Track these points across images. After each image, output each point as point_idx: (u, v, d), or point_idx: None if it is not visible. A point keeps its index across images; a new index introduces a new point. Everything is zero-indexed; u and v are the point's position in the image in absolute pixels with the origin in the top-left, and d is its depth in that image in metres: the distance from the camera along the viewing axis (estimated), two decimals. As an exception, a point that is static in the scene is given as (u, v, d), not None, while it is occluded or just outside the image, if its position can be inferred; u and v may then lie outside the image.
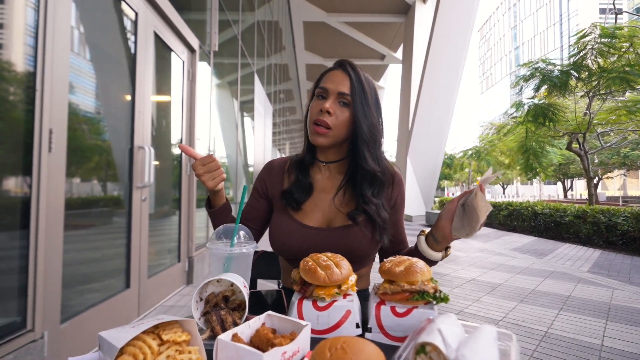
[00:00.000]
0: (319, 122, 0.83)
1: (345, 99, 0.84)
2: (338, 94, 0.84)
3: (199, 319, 0.59)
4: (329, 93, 0.84)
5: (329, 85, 0.85)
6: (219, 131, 4.50)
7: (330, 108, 0.82)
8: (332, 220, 0.87)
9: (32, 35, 1.47)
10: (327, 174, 0.93)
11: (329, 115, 0.83)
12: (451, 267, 4.39)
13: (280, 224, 0.89)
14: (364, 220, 0.85)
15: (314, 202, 0.90)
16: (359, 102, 0.84)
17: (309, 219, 0.88)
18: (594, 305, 2.96)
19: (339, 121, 0.84)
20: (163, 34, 2.74)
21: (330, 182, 0.92)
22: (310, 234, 0.86)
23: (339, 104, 0.84)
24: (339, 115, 0.84)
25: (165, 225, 3.02)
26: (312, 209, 0.89)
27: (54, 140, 1.54)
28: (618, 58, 7.21)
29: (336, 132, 0.84)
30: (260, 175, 1.00)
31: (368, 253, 0.86)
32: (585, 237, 6.34)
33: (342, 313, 0.59)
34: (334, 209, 0.88)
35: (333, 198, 0.89)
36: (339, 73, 0.86)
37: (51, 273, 1.54)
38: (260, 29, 7.05)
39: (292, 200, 0.88)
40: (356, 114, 0.84)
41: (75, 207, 1.84)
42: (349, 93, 0.84)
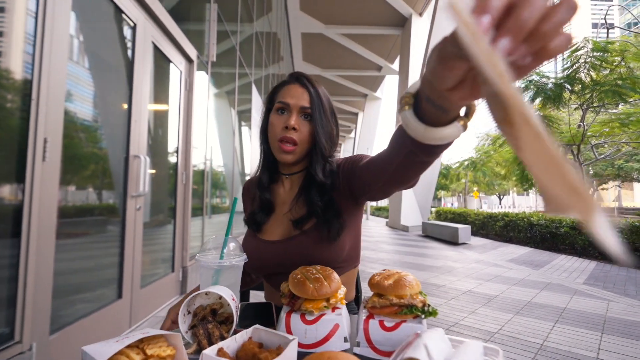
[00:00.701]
0: (285, 140, 0.82)
1: (306, 112, 0.84)
2: (300, 109, 0.84)
3: (186, 333, 0.58)
4: (291, 108, 0.84)
5: (290, 100, 0.84)
6: (216, 140, 4.51)
7: (295, 124, 0.82)
8: (288, 231, 0.87)
9: (30, 43, 1.48)
10: (289, 186, 0.93)
11: (294, 132, 0.82)
12: (447, 278, 4.38)
13: (246, 244, 0.90)
14: (312, 226, 0.83)
15: (275, 217, 0.91)
16: (318, 115, 0.84)
17: (269, 234, 0.89)
18: (589, 317, 2.95)
19: (303, 135, 0.84)
20: (161, 44, 2.77)
21: (290, 194, 0.92)
22: (267, 248, 0.85)
23: (301, 118, 0.84)
24: (303, 130, 0.84)
25: (160, 235, 3.00)
26: (273, 224, 0.90)
27: (48, 150, 1.54)
28: (610, 72, 7.35)
29: (302, 147, 0.84)
30: (242, 195, 1.04)
31: (323, 259, 0.81)
32: (580, 249, 6.35)
33: (330, 327, 0.59)
34: (288, 219, 0.87)
35: (289, 210, 0.88)
36: (297, 87, 0.86)
37: (41, 283, 1.52)
38: (259, 40, 7.13)
39: (253, 223, 0.89)
40: (316, 127, 0.84)
41: (69, 215, 1.83)
42: (309, 106, 0.84)
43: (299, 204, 0.87)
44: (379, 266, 5.07)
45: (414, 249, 7.14)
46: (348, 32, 13.07)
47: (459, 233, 7.85)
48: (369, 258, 5.83)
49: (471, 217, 10.32)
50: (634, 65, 7.15)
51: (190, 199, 3.34)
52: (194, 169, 3.53)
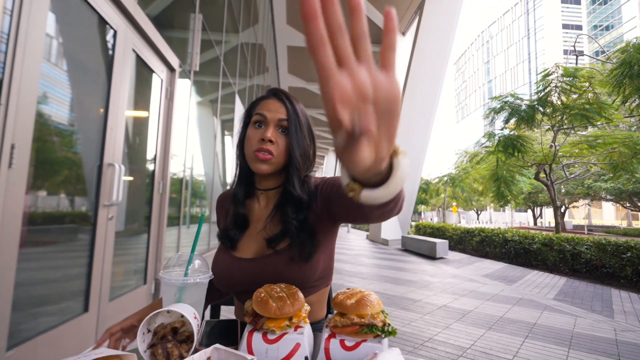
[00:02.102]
0: (262, 150, 0.83)
1: (283, 125, 0.85)
2: (277, 121, 0.85)
3: (145, 352, 0.57)
4: (268, 121, 0.85)
5: (267, 113, 0.85)
6: (197, 149, 4.46)
7: (272, 137, 0.83)
8: (262, 249, 0.86)
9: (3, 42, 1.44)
10: (264, 202, 0.92)
11: (271, 144, 0.83)
12: (424, 292, 4.42)
13: (216, 259, 0.89)
14: (286, 245, 0.83)
15: (249, 233, 0.90)
16: (294, 130, 0.85)
17: (242, 251, 0.87)
18: (557, 333, 3.04)
19: (279, 149, 0.84)
20: (142, 52, 2.74)
21: (265, 211, 0.91)
22: (238, 265, 0.85)
23: (278, 131, 0.85)
24: (280, 143, 0.84)
25: (133, 245, 2.91)
26: (247, 240, 0.89)
27: (15, 156, 1.48)
28: (579, 96, 7.78)
29: (278, 160, 0.85)
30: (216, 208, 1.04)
31: (296, 279, 0.80)
32: (552, 265, 6.56)
33: (291, 346, 0.59)
34: (263, 237, 0.86)
35: (263, 226, 0.88)
36: (275, 101, 0.87)
37: (1, 294, 1.45)
38: (244, 51, 7.16)
39: (227, 240, 0.88)
40: (291, 141, 0.85)
41: (37, 223, 1.76)
42: (285, 118, 0.85)
43: (274, 222, 0.86)
44: (358, 280, 5.07)
45: (393, 262, 7.20)
46: (333, 47, 13.32)
47: (436, 248, 7.97)
48: (348, 272, 5.82)
49: (449, 232, 10.52)
50: (600, 91, 7.59)
51: (167, 209, 3.27)
52: (173, 178, 3.47)
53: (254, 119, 0.86)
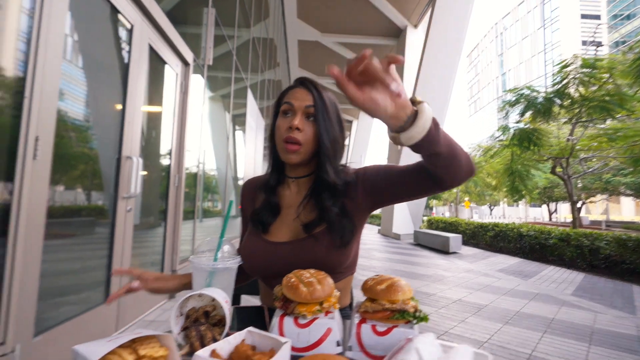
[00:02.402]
0: (289, 140, 0.84)
1: (310, 113, 0.86)
2: (304, 108, 0.85)
3: (178, 334, 0.58)
4: (295, 109, 0.86)
5: (294, 101, 0.86)
6: (209, 143, 4.50)
7: (299, 124, 0.83)
8: (296, 234, 0.87)
9: (24, 41, 1.47)
10: (296, 189, 0.93)
11: (298, 132, 0.84)
12: (438, 287, 4.39)
13: (248, 243, 0.90)
14: (323, 230, 0.84)
15: (281, 219, 0.90)
16: (321, 117, 0.86)
17: (275, 236, 0.88)
18: (577, 328, 2.99)
19: (307, 136, 0.85)
20: (158, 46, 2.77)
21: (298, 197, 0.92)
22: (274, 250, 0.85)
23: (305, 119, 0.86)
24: (307, 131, 0.85)
25: (150, 237, 2.96)
26: (280, 226, 0.89)
27: (39, 148, 1.52)
28: (598, 88, 7.54)
29: (306, 148, 0.85)
30: (241, 194, 1.04)
31: (332, 264, 0.82)
32: (569, 260, 6.43)
33: (322, 331, 0.59)
34: (297, 223, 0.87)
35: (297, 212, 0.89)
36: (302, 90, 0.88)
37: (27, 284, 1.49)
38: (256, 45, 7.17)
39: (259, 223, 0.89)
40: (319, 128, 0.85)
41: (58, 215, 1.80)
42: (312, 104, 0.86)
43: (307, 208, 0.88)
44: (370, 273, 5.06)
45: (405, 257, 7.16)
46: (344, 40, 13.22)
47: (450, 242, 7.90)
48: (361, 265, 5.82)
49: (462, 226, 10.40)
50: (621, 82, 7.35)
51: (182, 202, 3.32)
52: (187, 172, 3.50)
53: (282, 108, 0.88)
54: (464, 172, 0.70)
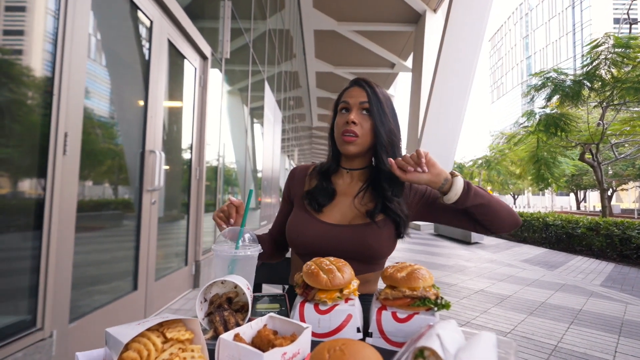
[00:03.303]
0: (346, 132, 0.90)
1: (365, 108, 0.92)
2: (359, 104, 0.92)
3: (203, 319, 0.60)
4: (351, 106, 0.93)
5: (350, 99, 0.94)
6: (228, 137, 4.56)
7: (355, 118, 0.90)
8: (352, 219, 0.92)
9: (51, 41, 1.53)
10: (349, 180, 0.99)
11: (355, 125, 0.90)
12: (459, 277, 4.33)
13: (298, 217, 0.95)
14: (382, 219, 0.89)
15: (334, 204, 0.95)
16: (376, 110, 0.92)
17: (326, 217, 0.93)
18: (606, 320, 2.89)
19: (364, 129, 0.91)
20: (176, 41, 2.81)
21: (352, 187, 0.98)
22: (328, 228, 0.90)
23: (361, 114, 0.92)
24: (364, 124, 0.92)
25: (174, 229, 3.06)
26: (331, 209, 0.94)
27: (68, 144, 1.58)
28: (632, 68, 7.11)
29: (363, 140, 0.92)
30: (285, 183, 1.09)
31: (383, 252, 0.90)
32: (598, 250, 6.19)
33: (343, 317, 0.60)
34: (354, 209, 0.93)
35: (353, 199, 0.94)
36: (356, 88, 0.95)
37: (61, 274, 1.58)
38: (272, 37, 7.16)
39: (315, 202, 0.93)
40: (374, 121, 0.92)
41: (87, 209, 1.88)
42: (366, 100, 0.92)
43: (367, 197, 0.94)
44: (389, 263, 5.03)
45: (425, 247, 7.09)
46: (361, 29, 13.00)
47: (471, 232, 7.75)
48: (380, 256, 5.81)
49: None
50: (657, 61, 6.90)
51: (204, 194, 3.39)
52: (207, 166, 3.57)
53: (340, 106, 0.96)
54: (507, 224, 0.88)
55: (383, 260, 0.95)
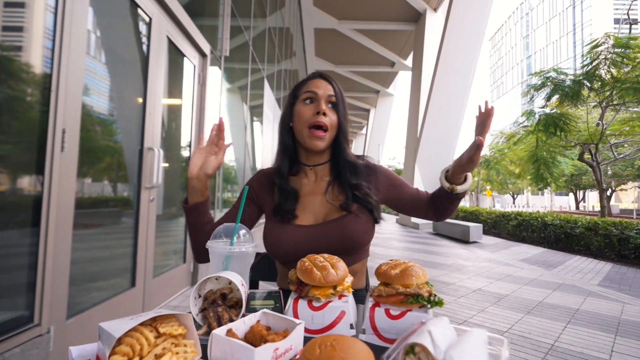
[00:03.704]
0: (317, 124, 0.89)
1: (331, 101, 0.92)
2: (327, 97, 0.91)
3: (197, 315, 0.60)
4: (319, 97, 0.91)
5: (318, 90, 0.92)
6: (228, 135, 4.55)
7: (326, 110, 0.90)
8: (327, 216, 0.91)
9: (49, 38, 1.52)
10: (314, 177, 0.98)
11: (324, 117, 0.89)
12: (457, 276, 4.34)
13: (273, 229, 0.91)
14: (357, 208, 0.90)
15: (304, 205, 0.93)
16: (341, 105, 0.94)
17: (301, 220, 0.91)
18: (603, 319, 2.90)
19: (332, 121, 0.91)
20: (175, 38, 2.80)
21: (318, 184, 0.97)
22: (304, 232, 0.88)
23: (328, 106, 0.92)
24: (332, 117, 0.92)
25: (172, 227, 3.06)
26: (303, 211, 0.92)
27: (66, 140, 1.58)
28: (632, 69, 7.11)
29: (331, 133, 0.92)
30: (250, 181, 1.04)
31: (365, 240, 0.90)
32: (596, 250, 6.21)
33: (336, 313, 0.60)
34: (327, 205, 0.92)
35: (324, 196, 0.93)
36: (322, 81, 0.95)
37: (59, 270, 1.58)
38: (272, 35, 7.14)
39: (286, 212, 0.90)
40: (339, 115, 0.93)
41: (85, 206, 1.88)
42: (334, 94, 0.93)
43: (335, 191, 0.93)
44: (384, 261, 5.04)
45: (424, 246, 7.10)
46: (361, 27, 12.99)
47: (470, 231, 7.76)
48: (379, 255, 5.82)
49: (483, 215, 10.19)
50: (657, 61, 6.90)
51: (202, 192, 3.39)
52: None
53: (304, 96, 0.93)
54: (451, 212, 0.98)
55: (366, 249, 0.94)
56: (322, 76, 0.96)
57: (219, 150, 0.89)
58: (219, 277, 0.63)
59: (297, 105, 0.93)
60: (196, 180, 0.86)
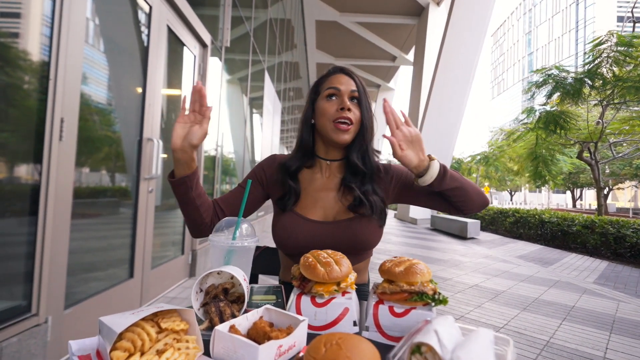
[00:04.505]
0: (342, 119, 0.87)
1: (354, 97, 0.91)
2: (350, 92, 0.90)
3: (198, 310, 0.59)
4: (342, 93, 0.90)
5: (340, 86, 0.90)
6: (227, 126, 4.53)
7: (350, 105, 0.88)
8: (336, 215, 0.90)
9: (47, 25, 1.49)
10: (328, 173, 0.97)
11: (349, 112, 0.88)
12: (454, 272, 4.36)
13: (284, 218, 0.90)
14: (365, 210, 0.89)
15: (315, 199, 0.92)
16: (364, 100, 0.92)
17: (311, 214, 0.90)
18: (598, 316, 2.92)
19: (356, 117, 0.90)
20: (176, 28, 2.76)
21: (332, 180, 0.95)
22: (316, 227, 0.88)
23: (353, 102, 0.91)
24: (355, 112, 0.90)
25: (171, 218, 3.05)
26: (314, 204, 0.92)
27: (65, 129, 1.56)
28: (634, 67, 7.08)
29: (355, 128, 0.90)
30: (261, 164, 1.01)
31: (372, 243, 0.89)
32: (592, 248, 6.25)
33: (339, 310, 0.60)
34: (338, 203, 0.91)
35: (337, 193, 0.93)
36: (343, 76, 0.93)
37: (57, 260, 1.57)
38: (273, 27, 7.06)
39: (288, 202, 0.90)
40: (362, 110, 0.91)
41: (84, 196, 1.87)
42: (357, 89, 0.91)
43: (346, 191, 0.92)
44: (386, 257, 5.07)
45: (422, 241, 7.13)
46: (363, 20, 12.86)
47: (467, 228, 7.79)
48: (377, 249, 5.83)
49: (481, 212, 10.22)
50: (660, 61, 6.87)
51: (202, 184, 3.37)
52: (205, 155, 3.55)
53: (327, 92, 0.91)
54: (476, 205, 0.92)
55: (371, 249, 0.94)
56: (343, 71, 0.94)
57: (203, 118, 0.81)
58: (221, 272, 0.63)
59: (320, 101, 0.92)
60: (181, 152, 0.79)
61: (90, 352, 0.46)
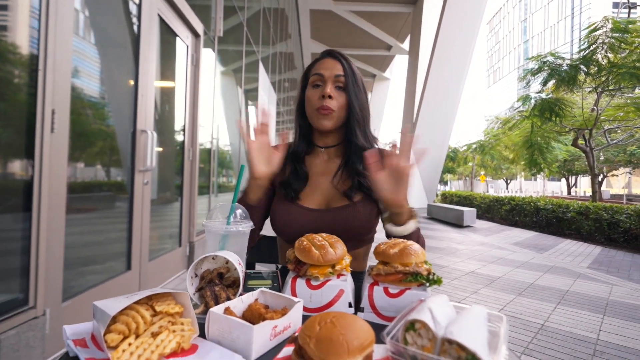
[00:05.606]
0: (323, 108, 0.86)
1: (340, 82, 0.88)
2: (334, 78, 0.88)
3: (194, 295, 0.60)
4: (325, 79, 0.88)
5: (324, 71, 0.88)
6: (222, 118, 4.50)
7: (330, 92, 0.86)
8: (331, 201, 0.90)
9: (35, 17, 1.46)
10: (326, 157, 0.96)
11: (330, 100, 0.86)
12: (450, 259, 4.41)
13: (281, 207, 0.90)
14: (361, 198, 0.88)
15: (313, 185, 0.92)
16: (351, 84, 0.89)
17: (308, 201, 0.90)
18: (591, 300, 2.97)
19: (339, 103, 0.88)
20: (167, 17, 2.72)
21: (328, 165, 0.95)
22: (310, 215, 0.88)
23: (335, 88, 0.88)
24: (338, 99, 0.88)
25: (167, 210, 3.04)
26: (312, 191, 0.91)
27: (56, 121, 1.54)
28: (629, 53, 7.08)
29: (338, 114, 0.88)
30: None
31: (366, 230, 0.88)
32: (586, 234, 6.32)
33: (335, 292, 0.60)
34: (333, 189, 0.91)
35: (332, 180, 0.91)
36: (330, 60, 0.91)
37: (52, 254, 1.56)
38: (266, 16, 6.97)
39: (291, 190, 0.90)
40: (350, 95, 0.88)
41: (79, 190, 1.85)
42: (342, 74, 0.88)
43: (344, 176, 0.91)
44: (383, 247, 5.10)
45: (418, 230, 7.17)
46: (358, 9, 12.72)
47: (464, 216, 7.85)
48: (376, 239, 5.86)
49: (477, 200, 10.29)
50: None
51: (197, 175, 3.36)
52: (201, 148, 3.53)
53: (312, 80, 0.90)
54: None
55: (371, 235, 0.94)
56: (331, 54, 0.92)
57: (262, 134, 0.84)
58: (216, 257, 0.62)
59: (307, 89, 0.91)
60: (265, 179, 0.83)
61: (85, 336, 0.46)
